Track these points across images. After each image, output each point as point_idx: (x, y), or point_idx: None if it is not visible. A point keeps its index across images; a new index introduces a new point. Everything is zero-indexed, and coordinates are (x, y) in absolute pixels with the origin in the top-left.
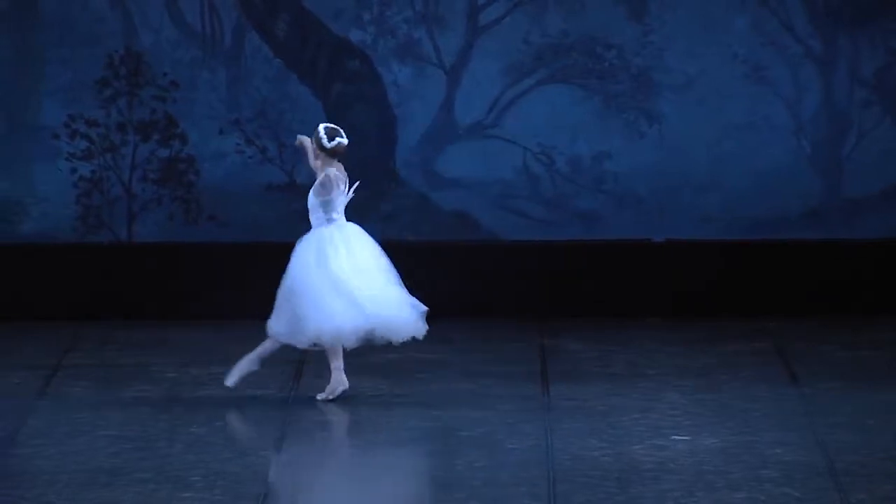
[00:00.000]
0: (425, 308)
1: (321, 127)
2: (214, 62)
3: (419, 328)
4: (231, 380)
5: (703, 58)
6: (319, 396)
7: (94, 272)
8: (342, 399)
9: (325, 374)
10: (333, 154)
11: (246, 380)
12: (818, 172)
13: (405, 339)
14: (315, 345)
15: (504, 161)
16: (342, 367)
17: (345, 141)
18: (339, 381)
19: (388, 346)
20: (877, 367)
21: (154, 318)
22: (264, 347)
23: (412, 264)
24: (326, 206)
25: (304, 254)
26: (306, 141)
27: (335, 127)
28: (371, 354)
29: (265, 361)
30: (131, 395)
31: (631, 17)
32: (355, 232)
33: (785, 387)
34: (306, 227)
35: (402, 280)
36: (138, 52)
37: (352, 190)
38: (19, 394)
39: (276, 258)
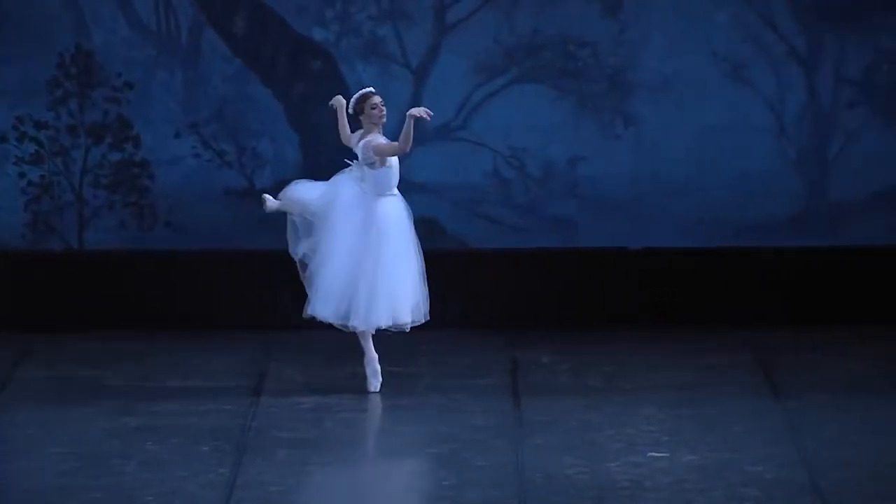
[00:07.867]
0: None
1: None
2: (170, 62)
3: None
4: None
5: (681, 56)
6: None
7: (44, 281)
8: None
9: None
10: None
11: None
12: (802, 176)
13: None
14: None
15: (473, 165)
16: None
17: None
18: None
19: None
20: (864, 380)
21: (106, 328)
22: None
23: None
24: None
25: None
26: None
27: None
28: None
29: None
30: (83, 411)
31: (605, 13)
32: None
33: (767, 401)
34: (266, 232)
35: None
36: (90, 50)
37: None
38: None
39: (236, 265)
